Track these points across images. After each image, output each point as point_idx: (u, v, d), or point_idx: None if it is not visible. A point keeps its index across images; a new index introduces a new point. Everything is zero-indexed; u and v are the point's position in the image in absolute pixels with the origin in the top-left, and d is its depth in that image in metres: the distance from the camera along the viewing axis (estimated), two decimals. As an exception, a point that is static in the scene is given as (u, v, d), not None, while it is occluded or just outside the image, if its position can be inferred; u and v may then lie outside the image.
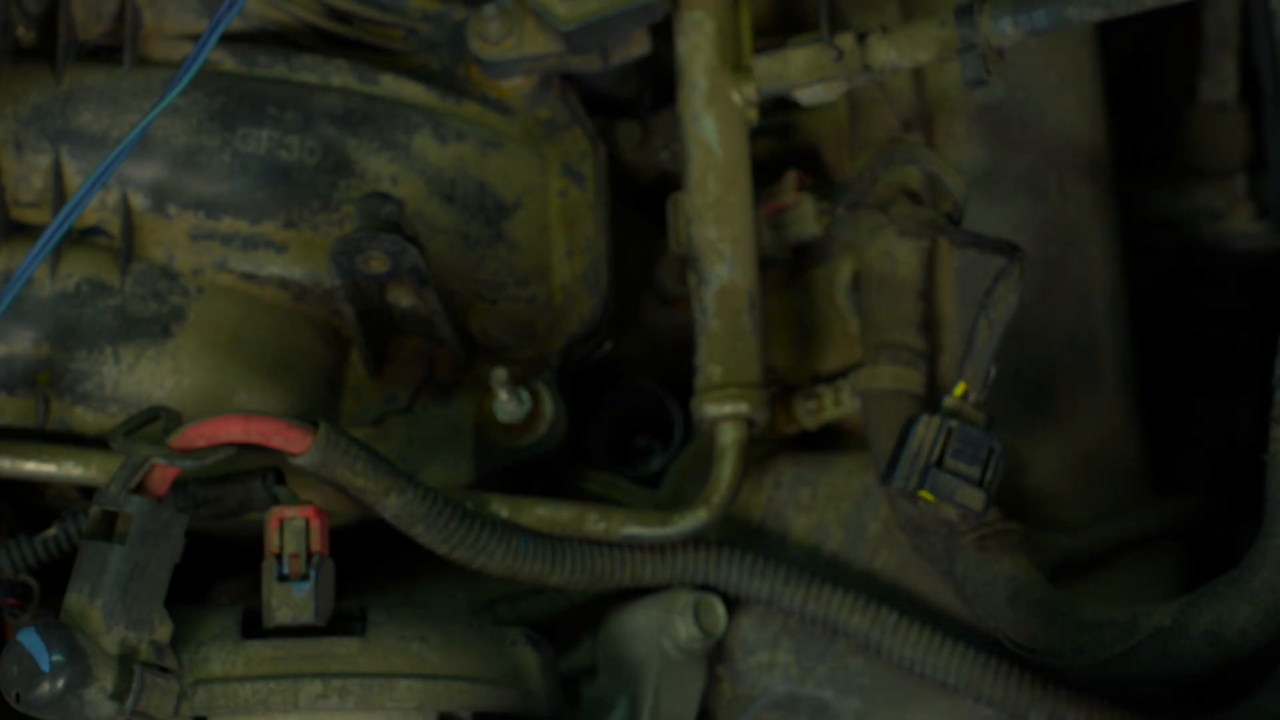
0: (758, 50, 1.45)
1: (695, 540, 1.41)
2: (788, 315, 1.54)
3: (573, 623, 1.46)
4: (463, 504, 1.35)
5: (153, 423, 1.28)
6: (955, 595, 1.40)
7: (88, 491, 1.40)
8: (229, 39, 1.42)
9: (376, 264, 1.34)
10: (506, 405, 1.42)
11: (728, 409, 1.41)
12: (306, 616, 1.25)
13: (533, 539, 1.36)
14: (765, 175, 1.49)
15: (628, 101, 1.55)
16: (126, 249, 1.39)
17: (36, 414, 1.38)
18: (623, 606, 1.43)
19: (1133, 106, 1.76)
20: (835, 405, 1.47)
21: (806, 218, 1.49)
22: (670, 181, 1.51)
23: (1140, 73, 1.81)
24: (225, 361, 1.39)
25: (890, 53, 1.40)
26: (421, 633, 1.26)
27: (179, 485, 1.29)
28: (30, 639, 1.18)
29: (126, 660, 1.20)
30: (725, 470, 1.41)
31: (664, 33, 1.49)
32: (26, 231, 1.39)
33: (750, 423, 1.42)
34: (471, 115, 1.45)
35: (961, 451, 1.31)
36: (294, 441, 1.27)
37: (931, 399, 1.42)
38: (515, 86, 1.47)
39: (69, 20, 1.40)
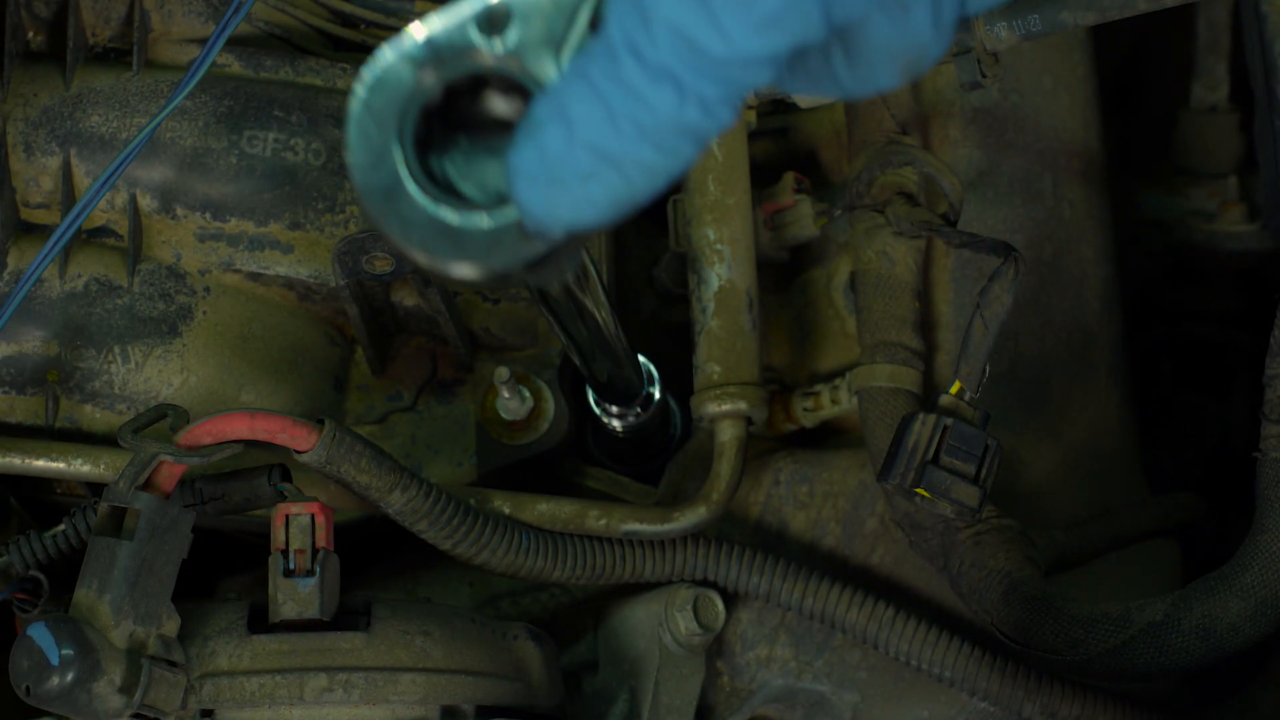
0: (756, 53, 1.46)
1: (695, 536, 1.42)
2: (786, 315, 1.54)
3: (574, 617, 1.46)
4: (465, 501, 1.35)
5: (160, 420, 1.28)
6: (951, 590, 1.41)
7: (96, 488, 1.40)
8: (235, 42, 1.42)
9: (381, 264, 1.35)
10: (508, 403, 1.43)
11: (727, 407, 1.41)
12: (312, 611, 1.25)
13: (534, 535, 1.37)
14: (764, 177, 1.50)
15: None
16: (134, 249, 1.39)
17: (46, 412, 1.38)
18: (623, 602, 1.43)
19: (1126, 109, 1.77)
20: (833, 404, 1.47)
21: (804, 219, 1.49)
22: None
23: (1133, 75, 1.82)
24: (232, 360, 1.40)
25: (887, 56, 1.41)
26: (425, 627, 1.27)
27: (186, 482, 1.29)
28: (40, 633, 1.19)
29: (134, 654, 1.21)
30: (724, 467, 1.41)
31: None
32: (36, 232, 1.40)
33: (749, 420, 1.43)
34: (474, 117, 1.46)
35: (957, 449, 1.31)
36: (299, 439, 1.27)
37: (928, 397, 1.43)
38: (517, 89, 1.48)
39: (78, 24, 1.40)
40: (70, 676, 1.18)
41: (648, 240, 1.55)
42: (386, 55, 0.84)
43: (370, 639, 1.25)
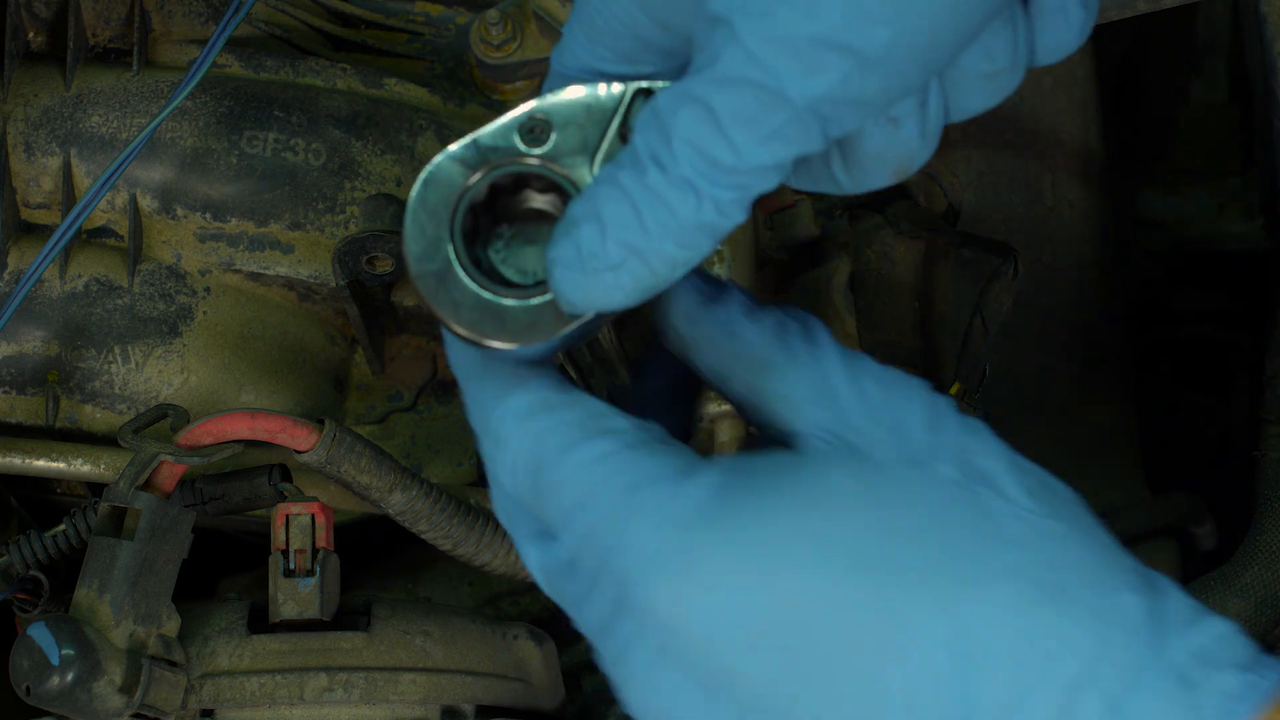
0: (756, 53, 1.46)
1: (694, 536, 1.42)
2: (786, 315, 1.54)
3: (574, 617, 1.46)
4: (465, 501, 1.35)
5: (161, 420, 1.28)
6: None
7: (97, 488, 1.40)
8: (235, 43, 1.43)
9: (381, 264, 1.35)
10: (508, 403, 1.43)
11: (727, 407, 1.42)
12: (312, 611, 1.25)
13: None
14: (763, 177, 1.50)
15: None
16: (135, 249, 1.39)
17: (46, 412, 1.38)
18: (623, 602, 1.43)
19: (1125, 108, 1.77)
20: (833, 404, 1.48)
21: (804, 219, 1.49)
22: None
23: (1133, 75, 1.82)
24: (232, 360, 1.40)
25: (887, 56, 1.41)
26: (425, 627, 1.27)
27: (186, 482, 1.29)
28: (40, 633, 1.19)
29: (135, 654, 1.21)
30: (724, 467, 1.41)
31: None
32: (36, 232, 1.40)
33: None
34: (475, 118, 1.46)
35: (957, 449, 1.31)
36: (300, 439, 1.27)
37: (927, 397, 1.43)
38: (518, 89, 1.48)
39: (78, 24, 1.40)
40: (70, 676, 1.18)
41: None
42: (439, 157, 0.96)
43: (370, 639, 1.25)
